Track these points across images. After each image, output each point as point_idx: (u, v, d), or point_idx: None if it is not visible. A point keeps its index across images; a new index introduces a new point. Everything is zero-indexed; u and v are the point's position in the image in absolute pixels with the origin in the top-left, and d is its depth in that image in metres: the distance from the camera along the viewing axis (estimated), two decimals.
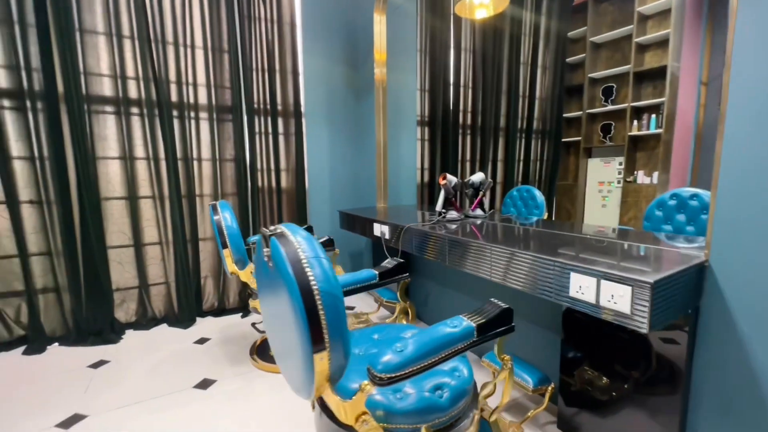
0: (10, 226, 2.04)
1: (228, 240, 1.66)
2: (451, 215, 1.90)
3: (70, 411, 1.56)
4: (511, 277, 1.28)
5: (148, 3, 2.19)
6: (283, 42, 2.61)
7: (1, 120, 1.96)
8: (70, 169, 2.11)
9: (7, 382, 1.78)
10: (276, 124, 2.66)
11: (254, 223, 2.66)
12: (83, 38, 2.09)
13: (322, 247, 0.79)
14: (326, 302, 0.69)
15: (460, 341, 0.80)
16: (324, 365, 0.68)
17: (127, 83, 2.21)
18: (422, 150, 3.30)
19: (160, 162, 2.34)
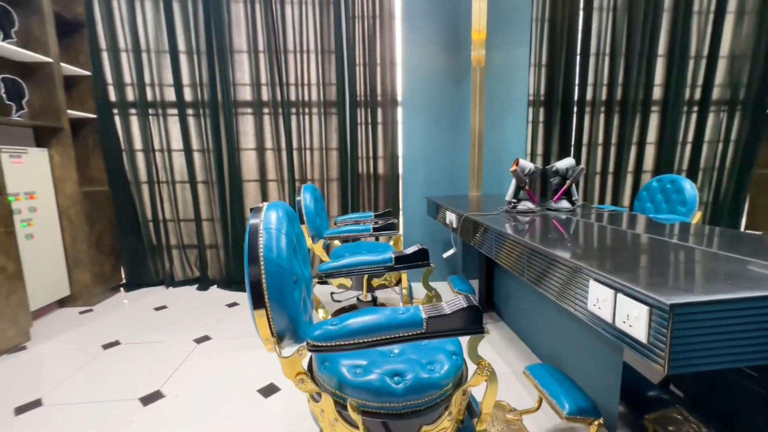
0: (191, 199, 2.89)
1: (305, 218, 1.94)
2: (524, 206, 1.68)
3: (203, 333, 2.17)
4: (530, 275, 1.09)
5: (275, 20, 2.68)
6: (383, 35, 2.74)
7: (187, 124, 2.79)
8: (224, 158, 2.82)
9: (183, 307, 2.58)
10: (375, 114, 2.84)
11: (353, 205, 2.94)
12: (233, 57, 2.73)
13: (287, 222, 0.89)
14: (269, 268, 0.79)
15: (402, 329, 0.78)
16: (263, 322, 0.79)
17: (261, 89, 2.77)
18: (534, 134, 2.93)
19: (282, 152, 2.86)
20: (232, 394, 1.59)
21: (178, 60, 2.69)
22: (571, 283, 0.92)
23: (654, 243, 1.09)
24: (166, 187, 2.87)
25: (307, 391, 0.85)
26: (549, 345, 1.73)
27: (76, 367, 1.82)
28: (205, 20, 2.65)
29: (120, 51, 2.66)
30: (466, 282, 2.29)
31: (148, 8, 2.64)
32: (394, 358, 0.97)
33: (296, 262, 0.91)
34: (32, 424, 1.43)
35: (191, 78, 2.73)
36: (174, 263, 2.99)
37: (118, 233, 2.85)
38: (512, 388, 1.60)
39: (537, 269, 1.10)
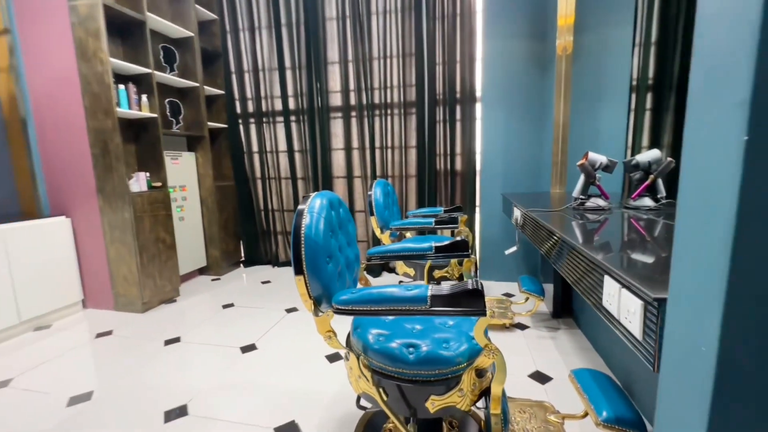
0: (292, 192, 3.40)
1: (375, 210, 2.14)
2: (594, 203, 1.56)
3: (293, 305, 2.57)
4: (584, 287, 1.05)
5: (362, 32, 2.95)
6: (463, 32, 2.76)
7: (291, 129, 3.28)
8: (318, 158, 3.23)
9: (282, 283, 3.08)
10: (454, 111, 2.89)
11: (430, 201, 3.05)
12: (326, 68, 3.11)
13: (328, 208, 1.08)
14: (307, 243, 0.99)
15: (407, 303, 0.88)
16: (302, 286, 0.99)
17: (349, 95, 3.09)
18: (638, 123, 2.56)
19: (366, 151, 3.13)
20: (305, 355, 1.89)
21: (284, 75, 3.19)
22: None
23: None
24: (274, 182, 3.43)
25: (333, 346, 1.02)
26: (624, 359, 1.57)
27: (204, 319, 2.38)
28: (306, 39, 3.08)
29: (244, 72, 3.30)
30: (537, 283, 2.19)
31: (264, 35, 3.19)
32: (414, 334, 1.07)
33: (334, 242, 1.10)
34: (174, 353, 1.96)
35: (294, 89, 3.20)
36: (279, 247, 3.55)
37: (239, 219, 3.54)
38: (567, 394, 1.52)
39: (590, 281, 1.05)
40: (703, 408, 0.30)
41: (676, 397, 0.35)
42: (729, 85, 0.30)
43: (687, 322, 0.35)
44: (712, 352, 0.30)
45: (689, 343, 0.34)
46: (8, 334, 2.16)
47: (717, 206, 0.31)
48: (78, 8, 2.23)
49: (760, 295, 0.29)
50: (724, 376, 0.29)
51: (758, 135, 0.28)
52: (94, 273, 2.54)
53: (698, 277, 0.33)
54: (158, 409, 1.50)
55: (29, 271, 2.23)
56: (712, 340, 0.31)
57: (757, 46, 0.27)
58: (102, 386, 1.67)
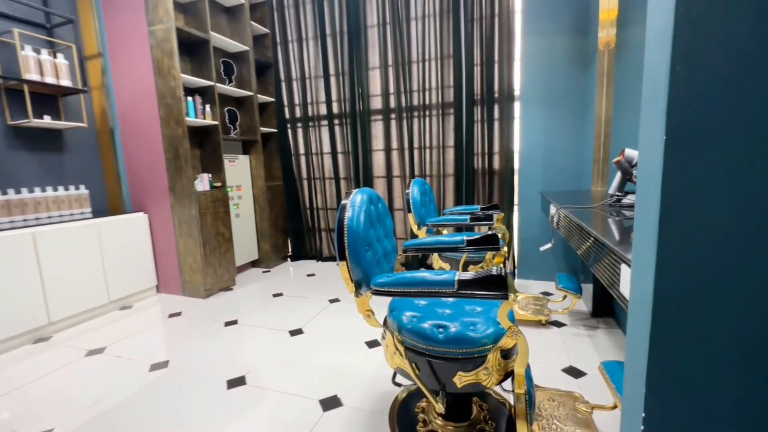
0: (335, 192, 3.61)
1: (412, 207, 2.25)
2: (631, 200, 1.55)
3: (335, 296, 2.76)
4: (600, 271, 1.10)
5: (402, 36, 3.07)
6: (501, 32, 2.79)
7: (334, 132, 3.49)
8: (359, 158, 3.41)
9: (325, 276, 3.30)
10: (492, 110, 2.92)
11: (467, 199, 3.10)
12: (368, 73, 3.27)
13: (368, 203, 1.22)
14: (350, 234, 1.13)
15: (437, 286, 0.99)
16: (345, 270, 1.13)
17: (389, 98, 3.23)
18: None
19: (405, 151, 3.25)
20: (346, 340, 2.06)
21: (329, 81, 3.41)
22: None
23: None
24: (319, 182, 3.66)
25: (372, 324, 1.16)
26: None
27: (257, 305, 2.64)
28: (348, 47, 3.27)
29: (292, 80, 3.56)
30: (575, 281, 2.18)
31: (311, 45, 3.43)
32: (444, 317, 1.18)
33: (372, 233, 1.24)
34: (233, 333, 2.22)
35: (337, 94, 3.41)
36: (322, 243, 3.78)
37: (287, 216, 3.82)
38: (601, 389, 1.53)
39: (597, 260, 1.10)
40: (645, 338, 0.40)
41: (636, 335, 0.44)
42: (657, 96, 0.39)
43: (639, 279, 0.44)
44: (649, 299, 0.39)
45: (640, 294, 0.43)
46: (101, 311, 2.55)
47: (652, 191, 0.40)
48: (156, 32, 2.58)
49: (680, 260, 0.39)
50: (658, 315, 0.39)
51: (673, 137, 0.37)
52: (166, 262, 2.90)
53: (643, 248, 0.42)
54: (222, 378, 1.73)
55: (116, 258, 2.61)
56: (649, 291, 0.40)
57: (669, 67, 0.36)
58: (176, 357, 1.95)
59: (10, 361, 1.98)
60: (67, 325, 2.36)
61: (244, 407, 1.52)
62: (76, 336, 2.25)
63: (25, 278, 2.12)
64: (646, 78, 0.43)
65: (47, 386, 1.73)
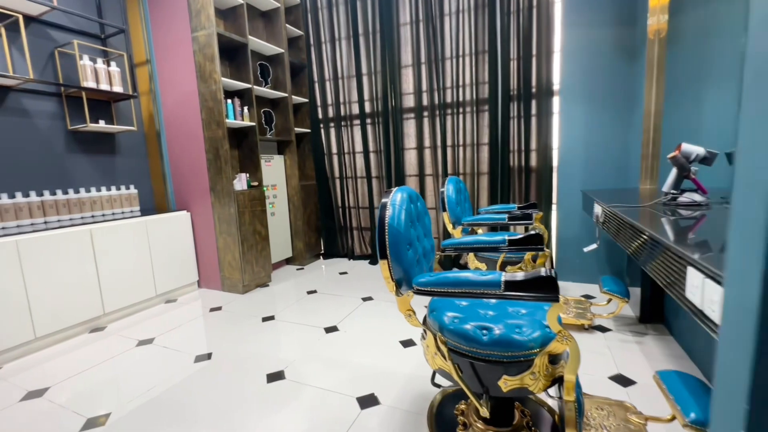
0: (367, 191, 3.62)
1: (447, 206, 2.22)
2: (688, 198, 1.45)
3: (368, 294, 2.77)
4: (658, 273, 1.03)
5: (435, 33, 3.03)
6: (540, 25, 2.69)
7: (367, 130, 3.51)
8: (391, 157, 3.41)
9: (358, 275, 3.32)
10: (529, 106, 2.82)
11: (502, 198, 3.02)
12: (400, 71, 3.25)
13: (408, 201, 1.20)
14: (391, 232, 1.12)
15: (483, 287, 0.97)
16: (386, 269, 1.13)
17: (422, 95, 3.20)
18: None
19: (437, 149, 3.21)
20: (381, 339, 2.06)
21: (361, 81, 3.42)
22: None
23: None
24: (351, 181, 3.69)
25: (413, 324, 1.15)
26: None
27: (292, 302, 2.70)
28: (381, 46, 3.27)
29: (325, 81, 3.61)
30: (621, 284, 2.06)
31: (344, 45, 3.46)
32: (488, 318, 1.15)
33: (413, 232, 1.22)
34: (270, 328, 2.28)
35: (370, 94, 3.42)
36: (354, 241, 3.81)
37: (320, 215, 3.88)
38: (656, 401, 1.44)
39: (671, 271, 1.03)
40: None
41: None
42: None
43: (737, 283, 0.40)
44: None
45: (738, 300, 0.39)
46: (148, 303, 2.71)
47: (758, 186, 0.36)
48: (199, 38, 2.69)
49: None
50: None
51: None
52: (207, 258, 3.03)
53: (744, 250, 0.38)
54: (262, 372, 1.78)
55: (163, 254, 2.76)
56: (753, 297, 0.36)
57: None
58: (218, 350, 2.03)
59: (70, 349, 2.13)
60: (119, 316, 2.52)
61: (283, 401, 1.56)
62: (127, 327, 2.39)
63: (83, 271, 2.28)
64: (749, 61, 0.39)
65: (103, 373, 1.85)
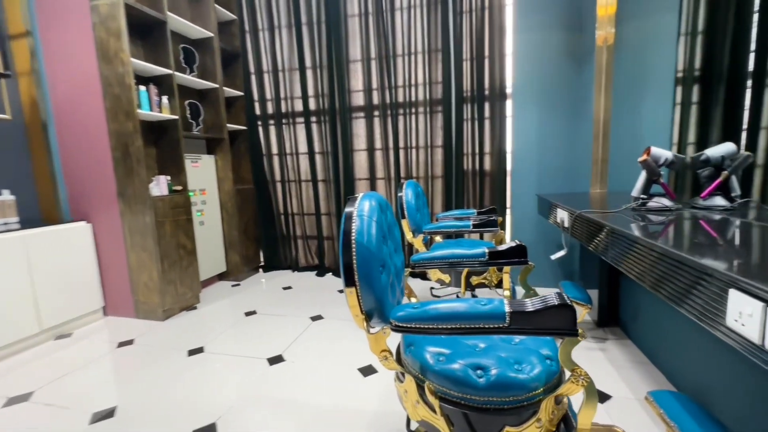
0: (313, 196, 3.30)
1: (406, 212, 2.02)
2: (657, 203, 1.41)
3: (317, 312, 2.46)
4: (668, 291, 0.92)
5: (386, 28, 2.85)
6: (492, 27, 2.64)
7: (311, 130, 3.19)
8: (339, 159, 3.14)
9: (304, 289, 2.98)
10: (482, 109, 2.76)
11: (457, 202, 2.91)
12: (348, 67, 3.01)
13: (379, 211, 0.96)
14: (360, 251, 0.87)
15: (482, 320, 0.76)
16: (354, 299, 0.87)
17: (372, 94, 2.99)
18: (684, 118, 2.39)
19: (390, 151, 3.02)
20: (336, 368, 1.78)
21: (305, 75, 3.11)
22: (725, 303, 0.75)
23: None
24: (294, 185, 3.34)
25: (390, 368, 0.90)
26: (692, 375, 1.41)
27: (226, 327, 2.29)
28: (327, 37, 2.99)
29: (263, 73, 3.22)
30: (581, 290, 2.03)
31: (284, 35, 3.12)
32: (480, 353, 0.95)
33: (385, 249, 0.98)
34: (198, 364, 1.87)
35: (315, 89, 3.12)
36: (299, 251, 3.46)
37: (259, 223, 3.46)
38: (635, 417, 1.37)
39: (678, 283, 0.92)
40: None
41: None
42: None
43: None
44: None
45: None
46: (29, 343, 2.10)
47: None
48: (99, 8, 2.17)
49: None
50: None
51: None
52: (115, 279, 2.47)
53: None
54: (185, 429, 1.39)
55: (50, 277, 2.17)
56: None
57: None
58: (125, 401, 1.58)
59: None
60: None
61: None
62: None
63: None
64: None
65: None
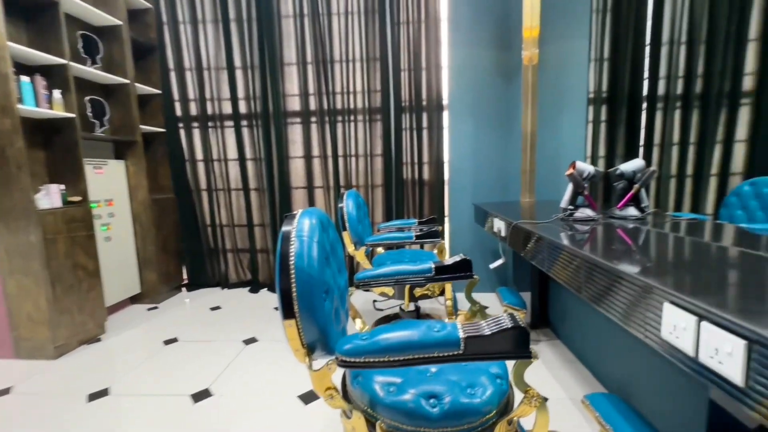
0: (245, 205, 3.05)
1: (348, 224, 1.93)
2: (582, 213, 1.52)
3: (251, 335, 2.24)
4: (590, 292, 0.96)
5: (322, 32, 2.75)
6: (429, 39, 2.69)
7: (242, 134, 2.95)
8: (274, 166, 2.94)
9: (235, 308, 2.71)
10: (420, 119, 2.79)
11: (398, 212, 2.90)
12: (283, 69, 2.85)
13: (320, 230, 0.87)
14: (300, 277, 0.77)
15: (438, 348, 0.71)
16: (293, 332, 0.77)
17: (309, 99, 2.86)
18: (595, 134, 2.67)
19: (328, 159, 2.91)
20: (274, 398, 1.61)
21: (234, 75, 2.87)
22: (641, 304, 0.79)
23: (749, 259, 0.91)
24: (223, 194, 3.05)
25: (336, 407, 0.81)
26: (615, 372, 1.53)
27: (140, 361, 1.97)
28: (258, 37, 2.80)
29: (185, 70, 2.91)
30: (516, 295, 2.13)
31: (210, 30, 2.85)
32: (431, 378, 0.90)
33: (329, 271, 0.89)
34: (101, 411, 1.56)
35: (246, 91, 2.89)
36: (229, 266, 3.16)
37: (181, 237, 3.09)
38: (570, 417, 1.44)
39: (598, 286, 0.96)
40: None
41: None
42: None
43: None
44: None
45: None
46: None
47: None
48: None
49: None
50: None
51: None
52: None
53: None
54: None
55: None
56: None
57: None
58: None
59: None
60: None
61: None
62: None
63: None
64: None
65: None
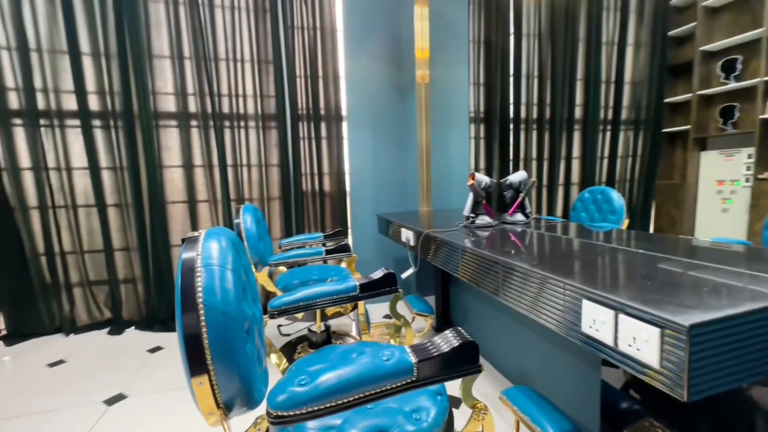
0: (99, 226, 2.42)
1: (246, 242, 1.69)
2: (482, 220, 1.65)
3: (116, 391, 1.76)
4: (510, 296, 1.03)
5: (203, 25, 2.42)
6: (325, 48, 2.63)
7: (93, 137, 2.35)
8: (142, 177, 2.43)
9: (88, 359, 2.10)
10: (319, 128, 2.69)
11: (298, 226, 2.72)
12: (152, 63, 2.40)
13: (234, 252, 0.70)
14: (211, 318, 0.59)
15: (389, 379, 0.63)
16: (205, 392, 0.59)
17: (188, 99, 2.47)
18: (476, 149, 3.02)
19: (215, 169, 2.55)
20: None
21: (79, 62, 2.28)
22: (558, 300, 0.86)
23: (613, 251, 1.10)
24: (65, 212, 2.37)
25: None
26: (517, 364, 1.69)
27: None
28: (116, 20, 2.29)
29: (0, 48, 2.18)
30: (424, 301, 2.20)
31: (40, 3, 2.21)
32: (372, 410, 0.81)
33: (246, 304, 0.72)
34: None
35: (98, 84, 2.32)
36: (76, 304, 2.45)
37: None
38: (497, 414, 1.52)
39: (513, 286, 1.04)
40: None
41: None
42: None
43: None
44: None
45: None
46: None
47: None
48: None
49: None
50: None
51: None
52: None
53: None
54: None
55: None
56: None
57: None
58: None
59: None
60: None
61: None
62: None
63: None
64: None
65: None
